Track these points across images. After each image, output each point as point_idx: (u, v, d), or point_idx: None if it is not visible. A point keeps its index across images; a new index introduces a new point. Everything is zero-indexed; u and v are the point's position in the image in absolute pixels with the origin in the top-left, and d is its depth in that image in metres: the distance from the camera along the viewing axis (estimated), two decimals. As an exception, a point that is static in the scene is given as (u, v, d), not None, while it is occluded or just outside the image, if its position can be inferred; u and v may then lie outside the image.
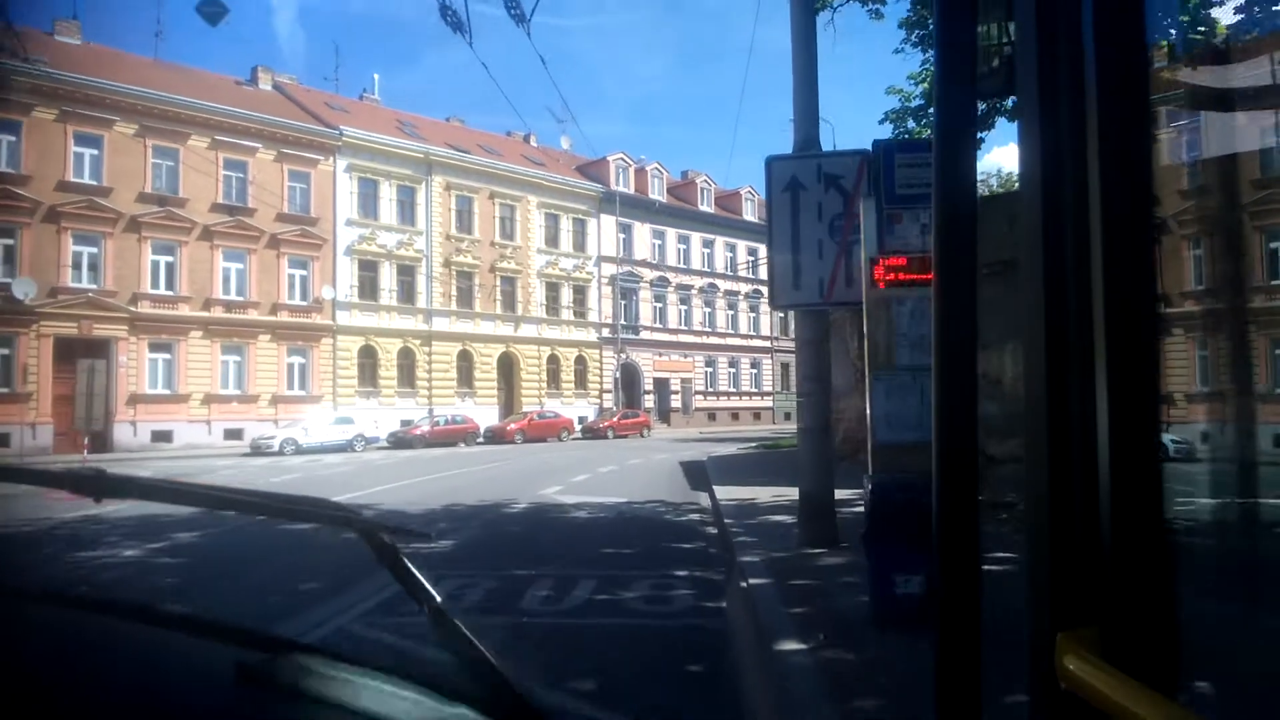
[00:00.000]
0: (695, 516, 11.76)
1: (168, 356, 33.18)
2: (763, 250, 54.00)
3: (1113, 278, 0.77)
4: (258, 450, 30.33)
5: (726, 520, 10.13)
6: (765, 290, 50.51)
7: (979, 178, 1.06)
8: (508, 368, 43.82)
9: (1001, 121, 13.43)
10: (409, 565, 0.92)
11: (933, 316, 0.89)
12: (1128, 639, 0.75)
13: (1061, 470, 0.81)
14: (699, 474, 18.87)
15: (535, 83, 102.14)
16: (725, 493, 13.66)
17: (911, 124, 14.24)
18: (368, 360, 38.49)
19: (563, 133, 52.81)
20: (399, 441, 34.29)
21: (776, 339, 56.86)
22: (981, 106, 10.65)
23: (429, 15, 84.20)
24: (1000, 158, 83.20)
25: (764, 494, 13.24)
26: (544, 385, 44.64)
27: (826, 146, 10.07)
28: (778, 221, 8.58)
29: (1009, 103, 11.07)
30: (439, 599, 0.92)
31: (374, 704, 0.88)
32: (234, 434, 33.62)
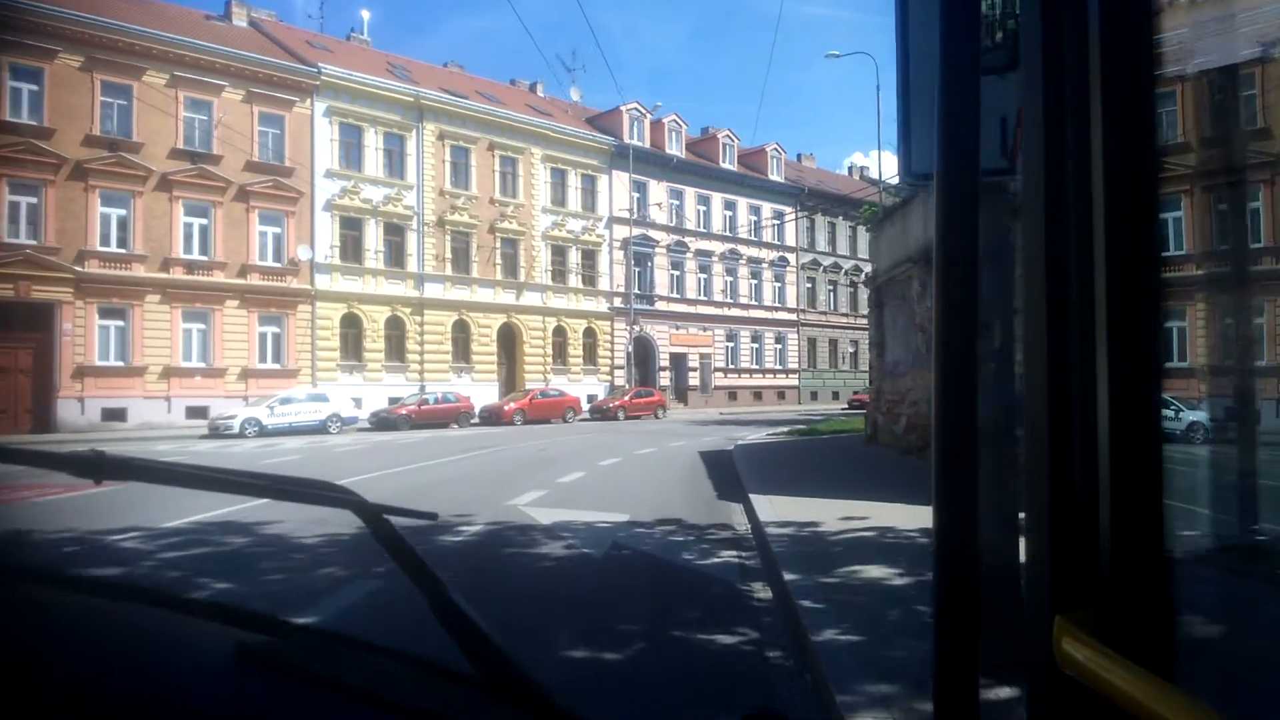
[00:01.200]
0: (731, 556, 7.60)
1: (120, 324, 29.30)
2: (789, 213, 49.81)
3: (1115, 255, 0.77)
4: (215, 432, 26.49)
5: (789, 578, 5.99)
6: (791, 257, 45.97)
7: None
8: (509, 340, 39.71)
9: None
10: (410, 546, 0.91)
11: (934, 303, 0.89)
12: (1126, 622, 0.76)
13: (1061, 453, 0.81)
14: (727, 472, 14.73)
15: (544, 36, 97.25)
16: (770, 508, 9.54)
17: None
18: (351, 330, 34.50)
19: (573, 83, 48.47)
20: (381, 422, 30.32)
21: (803, 311, 52.48)
22: None
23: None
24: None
25: (827, 513, 9.10)
26: (549, 360, 40.53)
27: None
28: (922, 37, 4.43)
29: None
30: (440, 579, 0.92)
31: (376, 685, 0.86)
32: (198, 412, 29.78)
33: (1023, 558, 0.88)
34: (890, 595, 5.49)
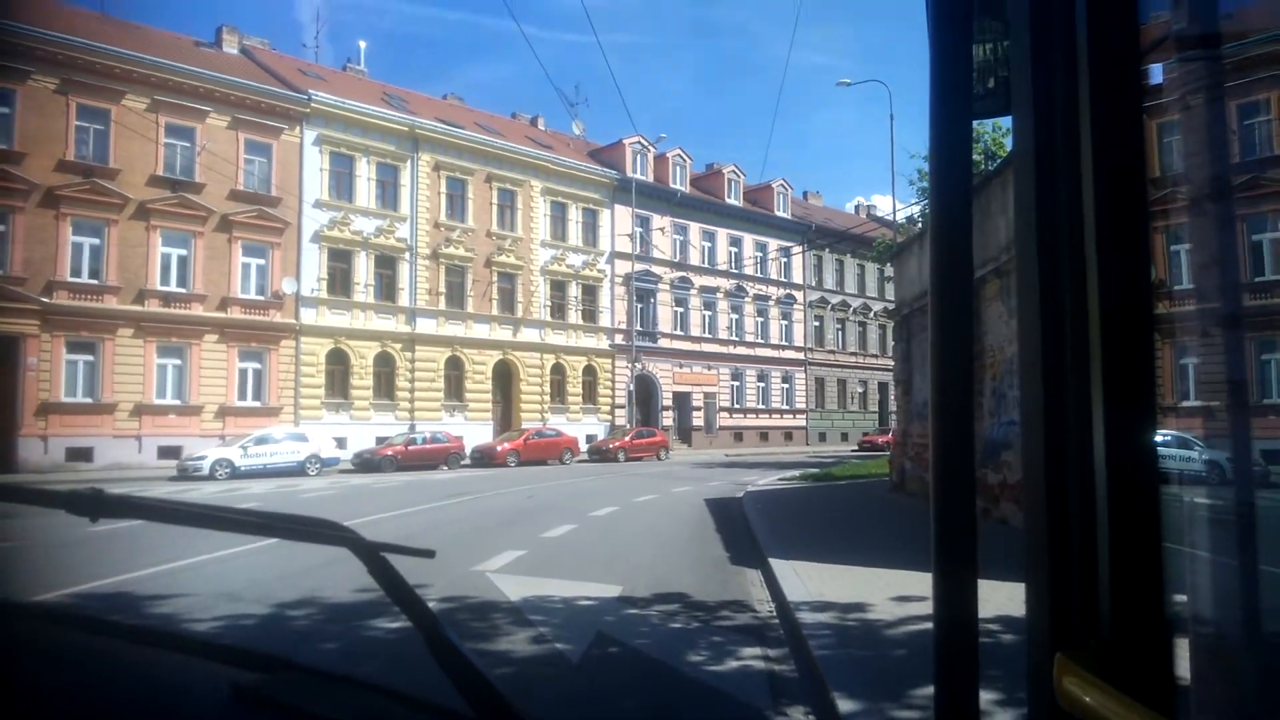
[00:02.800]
0: (755, 658, 5.68)
1: (90, 358, 27.59)
2: (795, 248, 48.24)
3: (1109, 294, 0.79)
4: (184, 473, 24.61)
5: (847, 709, 4.13)
6: (798, 294, 44.69)
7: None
8: (505, 378, 37.93)
9: None
10: (405, 582, 0.93)
11: (930, 331, 0.90)
12: (1127, 660, 0.77)
13: (1058, 490, 0.82)
14: (737, 525, 12.85)
15: (548, 74, 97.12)
16: (798, 580, 7.67)
17: None
18: (338, 367, 32.75)
19: (575, 118, 47.24)
20: (365, 464, 28.43)
21: (810, 350, 50.73)
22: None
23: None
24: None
25: (872, 588, 7.24)
26: (547, 399, 38.68)
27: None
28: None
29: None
30: (435, 616, 0.93)
31: None
32: (170, 452, 27.90)
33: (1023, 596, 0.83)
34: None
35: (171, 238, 29.21)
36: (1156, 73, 1.35)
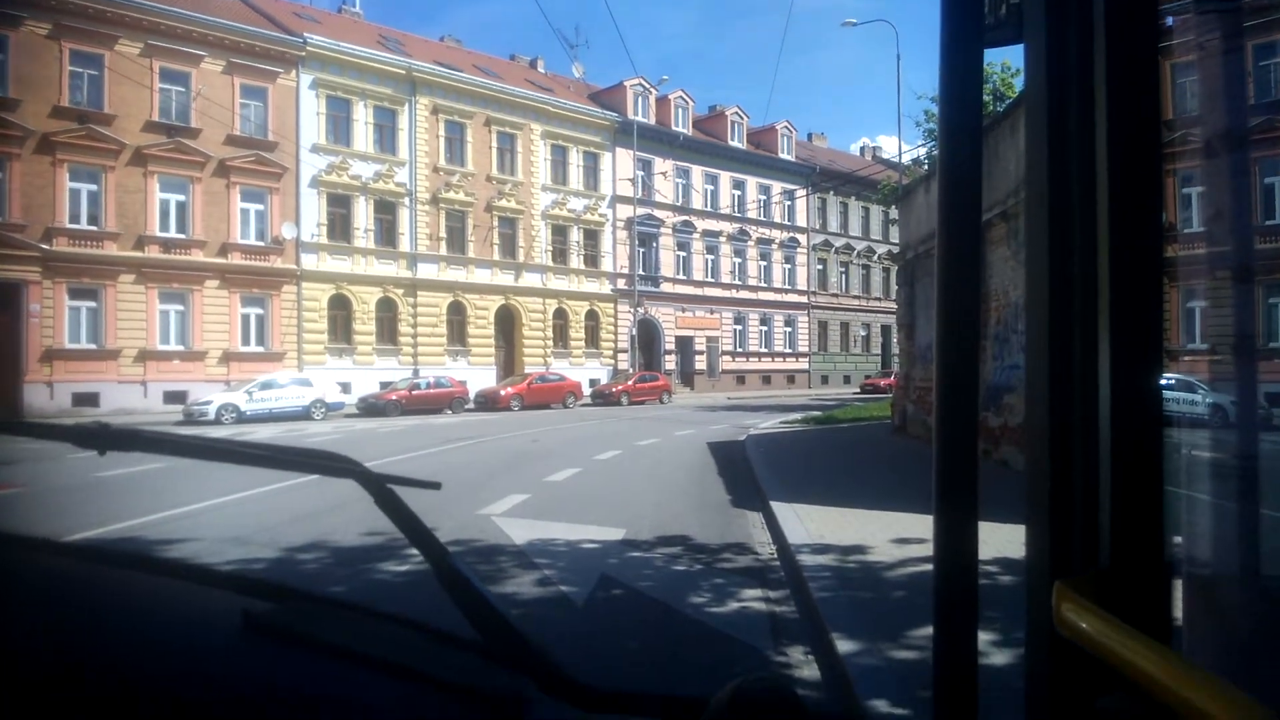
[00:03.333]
0: (756, 599, 5.77)
1: (92, 304, 27.59)
2: (799, 191, 47.79)
3: (1118, 234, 0.78)
4: (190, 418, 24.74)
5: (845, 649, 4.22)
6: (802, 238, 44.48)
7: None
8: (507, 323, 37.93)
9: None
10: (414, 515, 0.93)
11: (936, 272, 0.89)
12: (1126, 589, 0.77)
13: (1061, 427, 0.82)
14: (740, 468, 12.96)
15: (547, 13, 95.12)
16: (799, 522, 7.76)
17: None
18: (340, 312, 32.74)
19: (575, 60, 46.45)
20: (369, 408, 28.60)
21: (814, 293, 50.58)
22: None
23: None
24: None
25: (873, 530, 7.33)
26: (549, 344, 38.72)
27: None
28: None
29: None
30: (444, 548, 0.93)
31: (380, 650, 0.88)
32: (176, 397, 28.11)
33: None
34: (1000, 679, 3.71)
35: (169, 183, 28.97)
36: (1173, 15, 1.32)
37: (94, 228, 27.55)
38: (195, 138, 29.20)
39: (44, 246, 26.38)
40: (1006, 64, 26.14)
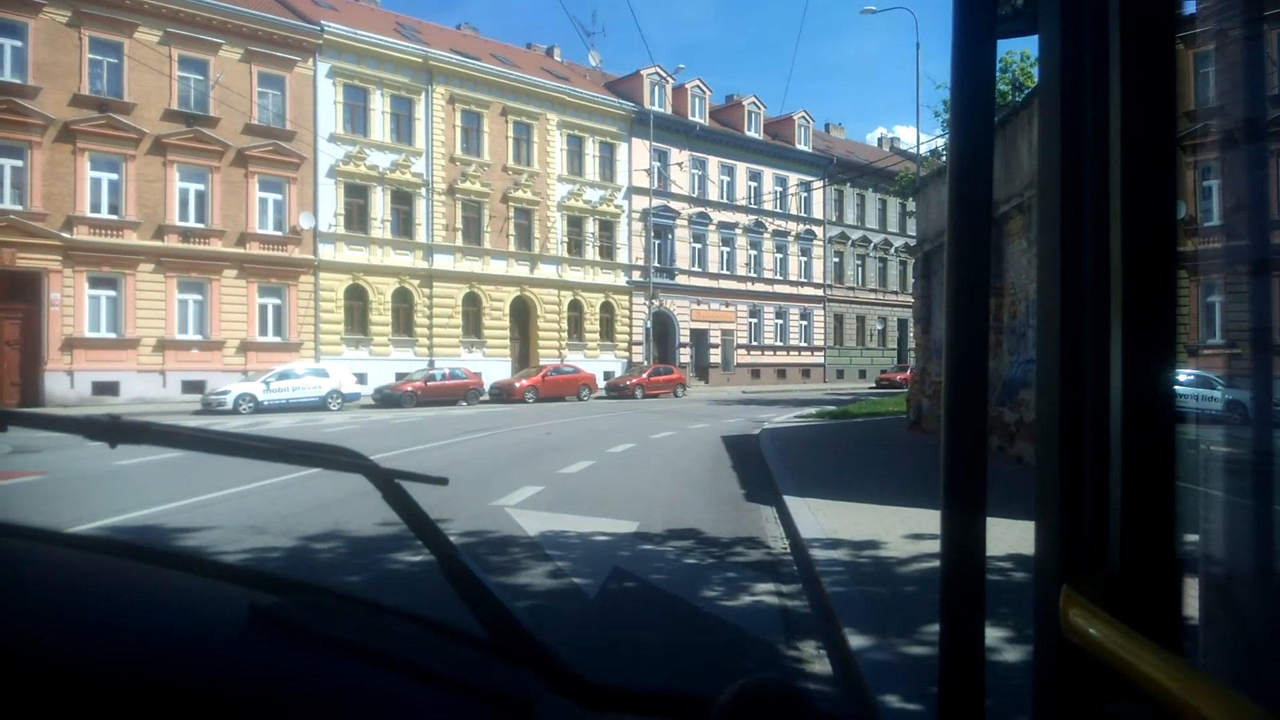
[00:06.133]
0: (768, 593, 5.77)
1: (112, 293, 27.82)
2: (816, 183, 47.54)
3: (1131, 229, 0.78)
4: (208, 408, 24.98)
5: (857, 644, 4.21)
6: (818, 230, 44.20)
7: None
8: (522, 315, 37.98)
9: None
10: (422, 510, 0.94)
11: (945, 266, 0.88)
12: (1134, 593, 0.77)
13: (1072, 424, 0.82)
14: (754, 462, 12.93)
15: (560, 9, 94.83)
16: (811, 517, 7.74)
17: None
18: (357, 303, 32.88)
19: (591, 48, 46.32)
20: (385, 399, 28.73)
21: (830, 286, 50.37)
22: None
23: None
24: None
25: (886, 526, 7.30)
26: (564, 335, 38.76)
27: None
28: None
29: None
30: (451, 543, 0.93)
31: (386, 645, 0.89)
32: (194, 386, 28.39)
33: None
34: (1012, 677, 3.67)
35: (188, 173, 29.15)
36: (1196, 1, 1.29)
37: (114, 217, 27.76)
38: (214, 127, 29.36)
39: (65, 235, 26.61)
40: (1026, 54, 25.93)
